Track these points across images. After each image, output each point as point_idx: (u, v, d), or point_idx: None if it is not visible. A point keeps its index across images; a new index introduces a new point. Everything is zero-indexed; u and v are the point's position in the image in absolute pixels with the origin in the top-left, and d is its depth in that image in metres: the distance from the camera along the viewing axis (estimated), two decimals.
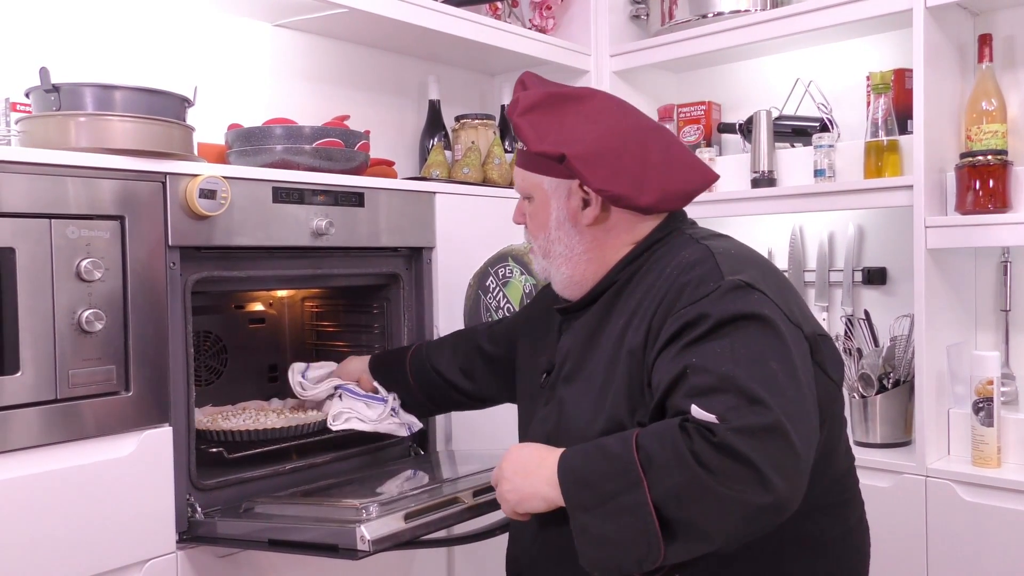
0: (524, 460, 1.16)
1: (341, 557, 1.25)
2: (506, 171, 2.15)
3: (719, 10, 2.27)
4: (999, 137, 1.93)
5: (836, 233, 2.34)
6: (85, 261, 1.27)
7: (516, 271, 2.06)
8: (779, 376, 1.03)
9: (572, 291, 1.30)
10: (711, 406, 1.00)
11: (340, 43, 2.18)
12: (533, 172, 1.29)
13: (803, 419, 1.03)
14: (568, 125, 1.23)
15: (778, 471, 0.97)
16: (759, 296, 1.10)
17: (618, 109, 1.28)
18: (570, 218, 1.26)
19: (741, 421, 0.99)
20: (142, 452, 1.35)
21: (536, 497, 1.13)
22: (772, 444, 0.98)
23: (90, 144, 1.33)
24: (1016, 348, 2.05)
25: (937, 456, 1.94)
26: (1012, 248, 2.03)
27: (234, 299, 1.95)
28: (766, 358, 1.04)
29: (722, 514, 0.99)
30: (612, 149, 1.21)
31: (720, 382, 1.02)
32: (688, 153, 1.29)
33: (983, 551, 1.80)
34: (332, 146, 1.67)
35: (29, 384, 1.23)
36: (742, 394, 1.00)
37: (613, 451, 1.05)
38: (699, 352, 1.06)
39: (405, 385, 1.67)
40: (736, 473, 0.97)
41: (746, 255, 1.21)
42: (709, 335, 1.06)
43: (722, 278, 1.11)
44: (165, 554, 1.38)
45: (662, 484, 1.00)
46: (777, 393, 1.01)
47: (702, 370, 1.04)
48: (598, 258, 1.27)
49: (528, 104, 1.25)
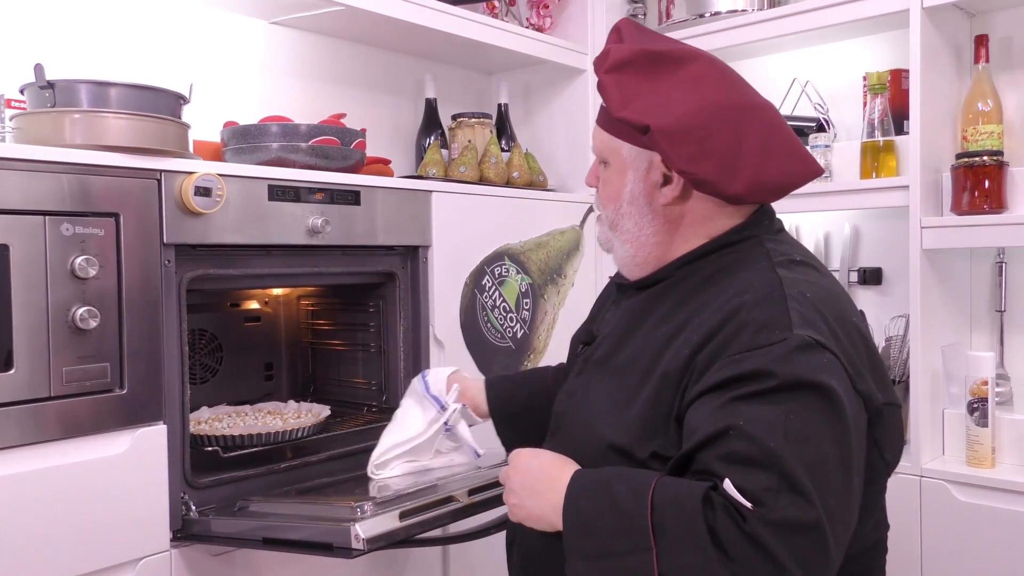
0: (534, 477, 1.08)
1: (336, 556, 1.25)
2: (502, 170, 2.15)
3: (716, 10, 2.28)
4: (995, 138, 1.93)
5: (832, 233, 2.34)
6: (79, 258, 1.27)
7: (512, 270, 2.06)
8: (829, 462, 0.93)
9: (631, 270, 1.20)
10: (749, 482, 0.91)
11: (337, 41, 2.17)
12: (613, 136, 1.15)
13: (843, 516, 0.94)
14: (660, 91, 1.09)
15: (805, 571, 0.89)
16: (829, 359, 0.97)
17: (721, 79, 1.12)
18: (645, 194, 1.14)
19: (778, 513, 0.89)
20: (136, 450, 1.34)
21: (542, 521, 1.07)
22: (805, 543, 0.89)
23: (85, 141, 1.33)
24: (1011, 349, 2.06)
25: (931, 456, 1.94)
26: (1007, 249, 2.03)
27: (229, 297, 1.95)
28: (820, 440, 0.93)
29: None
30: (704, 125, 1.06)
31: (764, 457, 0.92)
32: (793, 139, 1.13)
33: (977, 551, 1.81)
34: (328, 144, 1.66)
35: (23, 381, 1.23)
36: (785, 478, 0.90)
37: (625, 507, 0.96)
38: (748, 414, 0.94)
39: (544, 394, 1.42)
40: (758, 568, 0.89)
41: (823, 298, 1.05)
42: (764, 396, 0.95)
43: (790, 329, 0.98)
44: (159, 552, 1.38)
45: (672, 559, 0.92)
46: (823, 485, 0.92)
47: (747, 437, 0.93)
48: (665, 244, 1.15)
49: (618, 60, 1.11)
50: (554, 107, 2.47)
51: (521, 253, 2.08)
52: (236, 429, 1.61)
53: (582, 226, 2.25)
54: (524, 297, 2.09)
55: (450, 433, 1.44)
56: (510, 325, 2.05)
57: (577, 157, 2.38)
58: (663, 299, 1.14)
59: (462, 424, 1.44)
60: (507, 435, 1.45)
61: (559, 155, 2.44)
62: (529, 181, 2.22)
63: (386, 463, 1.44)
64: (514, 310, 2.06)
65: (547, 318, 2.14)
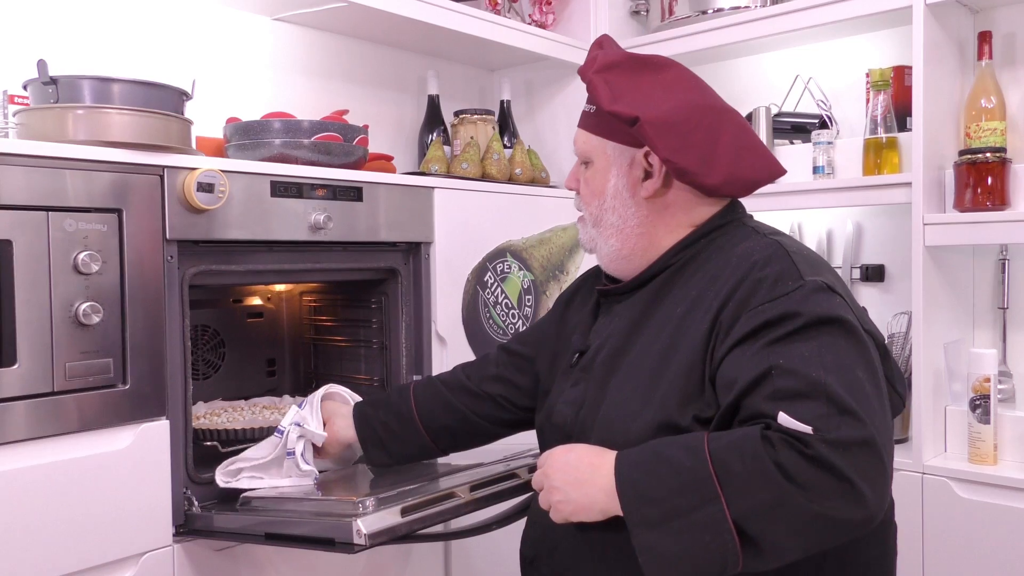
0: (575, 467, 1.09)
1: (338, 551, 1.25)
2: (505, 166, 2.15)
3: (719, 6, 2.27)
4: (998, 135, 1.93)
5: (835, 230, 2.34)
6: (82, 254, 1.27)
7: (514, 267, 2.06)
8: (866, 386, 0.98)
9: (617, 265, 1.25)
10: (800, 414, 0.95)
11: (339, 37, 2.17)
12: (596, 135, 1.24)
13: (887, 432, 0.99)
14: (644, 89, 1.19)
15: (871, 485, 0.93)
16: (840, 301, 1.05)
17: (696, 84, 1.24)
18: (629, 188, 1.21)
19: (836, 433, 0.93)
20: (139, 445, 1.35)
21: (593, 509, 1.06)
22: (865, 458, 0.94)
23: (88, 137, 1.33)
24: (1013, 346, 2.06)
25: (934, 453, 1.94)
26: (1010, 246, 2.03)
27: (232, 293, 1.95)
28: (853, 366, 0.99)
29: (811, 530, 0.94)
30: (685, 121, 1.16)
31: (810, 388, 0.96)
32: (759, 142, 1.25)
33: (979, 548, 1.81)
34: (331, 140, 1.66)
35: (26, 376, 1.23)
36: (833, 403, 0.95)
37: (683, 464, 0.98)
38: (785, 353, 1.00)
39: (408, 419, 1.46)
40: (831, 488, 0.92)
41: (815, 257, 1.15)
42: (795, 336, 1.01)
43: (802, 278, 1.06)
44: (162, 547, 1.38)
45: (744, 500, 0.95)
46: (866, 404, 0.96)
47: (790, 372, 0.98)
48: (649, 234, 1.22)
49: (606, 63, 1.21)
50: (556, 104, 2.47)
51: (523, 250, 2.08)
52: (237, 423, 1.62)
53: None
54: (526, 294, 2.09)
55: (293, 457, 1.44)
56: (512, 321, 2.05)
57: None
58: (669, 287, 1.19)
59: (301, 443, 1.45)
60: (378, 458, 1.48)
61: (561, 152, 2.44)
62: (531, 178, 2.22)
63: (234, 472, 1.45)
64: (516, 307, 2.06)
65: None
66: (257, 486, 1.44)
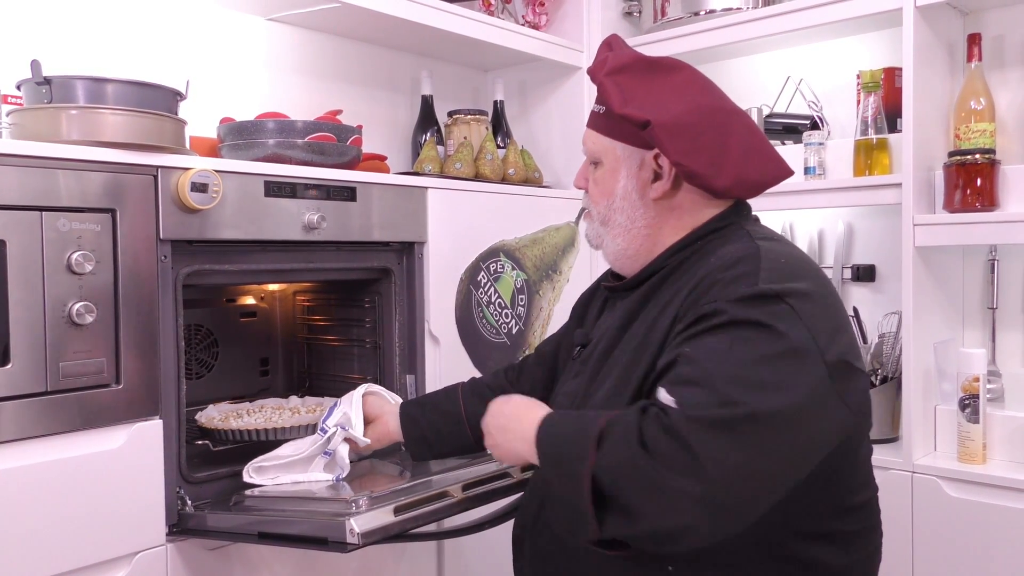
0: (505, 416, 1.20)
1: (331, 550, 1.25)
2: (498, 166, 2.16)
3: (711, 8, 2.28)
4: (987, 136, 1.94)
5: (826, 230, 2.35)
6: (76, 254, 1.27)
7: (507, 266, 2.06)
8: (766, 383, 0.98)
9: (622, 264, 1.27)
10: (682, 396, 1.00)
11: (333, 38, 2.18)
12: (606, 136, 1.25)
13: (773, 430, 0.97)
14: (655, 92, 1.20)
15: (719, 468, 0.95)
16: (785, 310, 1.03)
17: (706, 86, 1.25)
18: (638, 189, 1.23)
19: (698, 411, 0.98)
20: (132, 445, 1.35)
21: (512, 454, 1.17)
22: (723, 439, 0.96)
23: (81, 137, 1.33)
24: (1002, 345, 2.07)
25: (923, 452, 1.96)
26: (999, 246, 2.04)
27: (225, 293, 1.96)
28: (759, 365, 0.99)
29: (650, 496, 0.98)
30: (695, 124, 1.17)
31: (700, 376, 1.00)
32: (768, 144, 1.25)
33: (968, 547, 1.82)
34: (324, 140, 1.67)
35: (19, 376, 1.23)
36: (715, 393, 0.98)
37: (586, 418, 1.07)
38: (696, 344, 1.04)
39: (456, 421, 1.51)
40: (673, 457, 0.97)
41: (795, 268, 1.11)
42: (712, 330, 1.04)
43: (756, 284, 1.06)
44: (155, 546, 1.38)
45: (606, 458, 1.01)
46: (750, 397, 0.97)
47: (690, 361, 1.03)
48: (655, 235, 1.24)
49: (617, 65, 1.22)
50: (550, 104, 2.47)
51: (516, 249, 2.09)
52: (257, 424, 1.61)
53: (577, 223, 2.25)
54: (519, 293, 2.10)
55: (330, 457, 1.49)
56: (505, 321, 2.05)
57: (572, 154, 2.39)
58: (655, 290, 1.21)
59: (342, 446, 1.50)
60: (420, 455, 1.55)
61: (554, 152, 2.45)
62: (525, 178, 2.23)
63: (263, 470, 1.49)
64: (509, 306, 2.06)
65: (542, 314, 2.15)
66: (281, 482, 1.48)
